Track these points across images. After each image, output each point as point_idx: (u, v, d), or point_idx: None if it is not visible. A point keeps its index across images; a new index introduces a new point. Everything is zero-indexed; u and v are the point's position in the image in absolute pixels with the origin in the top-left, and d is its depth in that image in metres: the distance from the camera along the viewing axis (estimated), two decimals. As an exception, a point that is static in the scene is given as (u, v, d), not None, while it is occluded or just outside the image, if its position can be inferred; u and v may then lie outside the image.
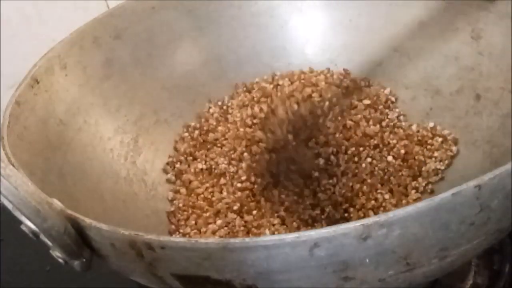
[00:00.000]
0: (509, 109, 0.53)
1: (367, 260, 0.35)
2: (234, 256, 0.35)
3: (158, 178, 0.58)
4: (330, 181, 0.55)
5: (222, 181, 0.57)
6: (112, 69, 0.59)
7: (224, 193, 0.56)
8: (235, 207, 0.54)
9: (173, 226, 0.54)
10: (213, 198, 0.55)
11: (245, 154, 0.58)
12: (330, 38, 0.64)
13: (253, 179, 0.56)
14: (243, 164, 0.58)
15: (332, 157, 0.56)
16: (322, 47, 0.64)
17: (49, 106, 0.53)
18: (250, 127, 0.61)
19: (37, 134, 0.50)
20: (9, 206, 0.36)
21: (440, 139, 0.57)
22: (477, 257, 0.52)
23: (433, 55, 0.60)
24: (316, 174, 0.55)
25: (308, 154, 0.56)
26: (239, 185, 0.56)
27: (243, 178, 0.56)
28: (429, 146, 0.57)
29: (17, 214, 0.37)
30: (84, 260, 0.39)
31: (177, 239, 0.47)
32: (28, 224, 0.38)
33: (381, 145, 0.57)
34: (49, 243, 0.38)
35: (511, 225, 0.39)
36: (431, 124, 0.58)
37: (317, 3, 0.64)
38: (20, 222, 0.38)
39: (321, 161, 0.56)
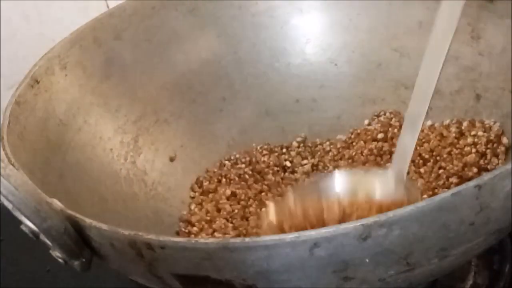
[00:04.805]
0: (509, 109, 0.53)
1: (367, 260, 0.35)
2: (234, 256, 0.35)
3: (158, 178, 0.58)
4: None
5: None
6: (112, 69, 0.59)
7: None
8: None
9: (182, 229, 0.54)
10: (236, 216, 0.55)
11: None
12: (330, 38, 0.64)
13: None
14: None
15: None
16: (322, 47, 0.64)
17: (49, 106, 0.53)
18: None
19: (37, 134, 0.50)
20: (9, 206, 0.36)
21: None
22: (477, 257, 0.52)
23: (433, 55, 0.60)
24: None
25: None
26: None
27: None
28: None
29: (17, 214, 0.37)
30: (84, 260, 0.39)
31: (177, 239, 0.46)
32: (28, 224, 0.38)
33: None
34: (49, 243, 0.38)
35: (511, 225, 0.39)
36: (429, 123, 0.58)
37: (317, 3, 0.64)
38: (20, 222, 0.38)
39: None
